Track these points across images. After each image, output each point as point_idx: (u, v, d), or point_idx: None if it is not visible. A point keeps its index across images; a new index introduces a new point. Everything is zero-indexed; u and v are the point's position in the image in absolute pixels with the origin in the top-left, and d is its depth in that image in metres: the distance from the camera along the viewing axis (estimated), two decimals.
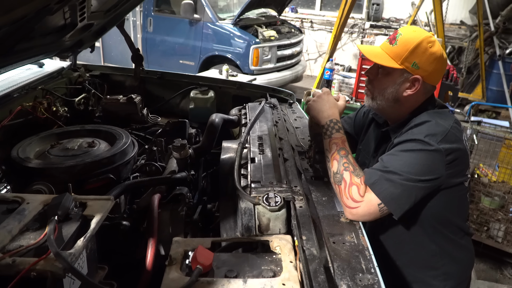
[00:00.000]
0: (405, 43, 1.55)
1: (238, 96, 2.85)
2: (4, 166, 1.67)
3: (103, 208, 1.27)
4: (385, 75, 1.63)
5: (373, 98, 1.69)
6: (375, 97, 1.68)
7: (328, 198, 1.58)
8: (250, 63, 7.04)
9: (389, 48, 1.59)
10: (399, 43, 1.56)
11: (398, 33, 1.59)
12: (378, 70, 1.65)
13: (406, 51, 1.55)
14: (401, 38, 1.57)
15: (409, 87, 1.60)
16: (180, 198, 1.67)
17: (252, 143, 1.87)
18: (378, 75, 1.65)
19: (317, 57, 10.29)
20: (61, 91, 2.42)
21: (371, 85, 1.69)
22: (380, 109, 1.71)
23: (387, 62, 1.58)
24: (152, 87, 2.93)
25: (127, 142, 1.84)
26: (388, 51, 1.59)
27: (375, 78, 1.67)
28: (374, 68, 1.67)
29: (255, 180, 1.52)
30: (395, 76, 1.61)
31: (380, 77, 1.65)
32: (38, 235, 1.14)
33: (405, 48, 1.55)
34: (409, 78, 1.58)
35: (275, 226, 1.36)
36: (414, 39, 1.55)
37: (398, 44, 1.57)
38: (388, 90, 1.63)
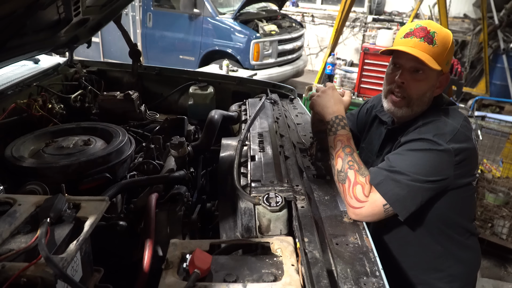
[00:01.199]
0: (443, 42, 1.47)
1: (238, 92, 2.80)
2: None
3: (97, 210, 1.23)
4: (423, 79, 1.51)
5: (408, 105, 1.55)
6: (412, 103, 1.54)
7: (330, 197, 1.54)
8: (251, 58, 6.98)
9: (430, 49, 1.46)
10: (439, 42, 1.46)
11: (431, 31, 1.47)
12: (413, 74, 1.51)
13: (445, 51, 1.47)
14: (438, 37, 1.46)
15: (438, 86, 1.54)
16: (178, 198, 1.62)
17: (252, 141, 1.82)
18: (413, 79, 1.52)
19: (318, 52, 10.21)
20: (57, 87, 2.37)
21: (406, 91, 1.53)
22: (411, 115, 1.58)
23: (433, 64, 1.45)
24: (150, 83, 2.88)
25: (124, 140, 1.79)
26: (429, 52, 1.46)
27: (411, 83, 1.52)
28: (408, 73, 1.53)
29: (255, 179, 1.48)
30: (432, 78, 1.51)
31: (418, 81, 1.51)
32: (30, 239, 1.10)
33: (445, 47, 1.47)
34: (440, 77, 1.52)
35: (276, 227, 1.32)
36: (448, 37, 1.48)
37: (438, 44, 1.46)
38: (427, 94, 1.54)
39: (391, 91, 1.58)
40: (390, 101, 1.60)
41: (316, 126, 1.86)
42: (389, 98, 1.60)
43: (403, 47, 1.50)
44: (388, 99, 1.61)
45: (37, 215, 1.17)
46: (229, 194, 1.61)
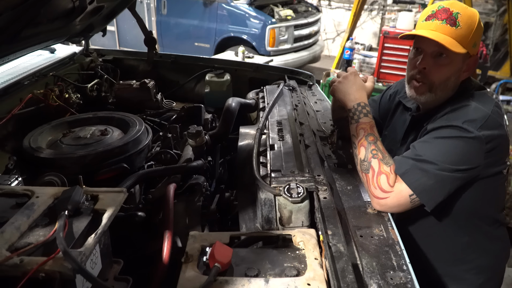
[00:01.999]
0: (468, 23, 1.38)
1: (255, 78, 2.74)
2: (15, 157, 1.61)
3: (115, 202, 1.20)
4: (447, 63, 1.43)
5: (431, 90, 1.48)
6: (434, 89, 1.47)
7: (353, 187, 1.48)
8: (267, 44, 6.89)
9: (453, 32, 1.38)
10: (463, 24, 1.38)
11: (454, 12, 1.39)
12: (436, 58, 1.44)
13: (471, 32, 1.39)
14: (462, 18, 1.38)
15: (466, 70, 1.46)
16: (196, 188, 1.59)
17: (271, 129, 1.77)
18: (435, 64, 1.44)
19: (335, 37, 10.02)
20: (73, 77, 2.36)
21: (427, 77, 1.46)
22: (435, 101, 1.51)
23: (457, 48, 1.37)
24: (166, 71, 2.84)
25: (141, 130, 1.76)
26: (452, 35, 1.38)
27: (433, 69, 1.45)
28: (430, 57, 1.45)
29: (275, 169, 1.43)
30: (457, 62, 1.43)
31: (440, 66, 1.44)
32: (48, 232, 1.08)
33: (470, 28, 1.38)
34: (466, 60, 1.44)
35: (297, 218, 1.28)
36: (474, 17, 1.40)
37: (462, 26, 1.38)
38: (451, 79, 1.46)
39: (414, 77, 1.52)
40: (412, 87, 1.54)
41: (337, 113, 1.80)
42: (411, 84, 1.54)
43: (424, 31, 1.42)
44: (411, 85, 1.54)
45: (55, 208, 1.15)
46: (248, 184, 1.57)
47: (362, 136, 1.44)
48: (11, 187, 1.27)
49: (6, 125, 1.83)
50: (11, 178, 1.41)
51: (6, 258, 0.94)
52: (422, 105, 1.61)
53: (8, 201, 1.22)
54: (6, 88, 1.87)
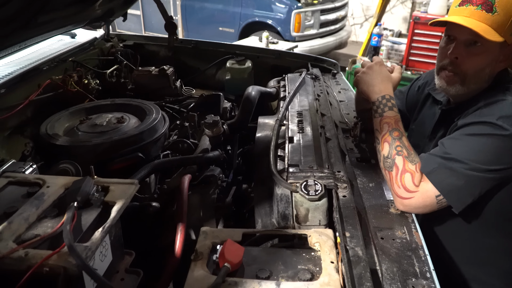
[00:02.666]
0: (506, 9, 1.27)
1: (277, 66, 2.67)
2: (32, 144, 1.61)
3: (125, 194, 1.17)
4: (481, 53, 1.33)
5: (463, 82, 1.39)
6: (468, 81, 1.38)
7: (375, 184, 1.41)
8: (292, 29, 6.75)
9: (488, 18, 1.28)
10: (500, 9, 1.27)
11: None
12: (469, 47, 1.34)
13: (509, 19, 1.27)
14: (499, 4, 1.27)
15: (502, 60, 1.36)
16: (211, 180, 1.55)
17: (291, 120, 1.70)
18: (469, 54, 1.35)
19: (363, 22, 9.74)
20: (92, 62, 2.34)
21: (459, 67, 1.38)
22: (468, 94, 1.42)
23: (493, 36, 1.27)
24: (186, 57, 2.79)
25: (157, 118, 1.73)
26: (488, 22, 1.28)
27: (466, 58, 1.36)
28: (462, 46, 1.35)
29: (293, 164, 1.37)
30: (493, 51, 1.33)
31: (474, 56, 1.34)
32: (56, 223, 1.05)
33: (508, 15, 1.27)
34: (504, 50, 1.33)
35: (314, 217, 1.21)
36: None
37: (500, 12, 1.27)
38: (485, 70, 1.36)
39: (444, 67, 1.42)
40: (442, 77, 1.44)
41: (361, 104, 1.72)
42: (442, 75, 1.44)
43: (456, 17, 1.32)
44: (441, 75, 1.45)
45: (65, 198, 1.13)
46: (265, 177, 1.51)
47: (386, 131, 1.35)
48: (23, 175, 1.25)
49: (25, 110, 1.82)
50: (26, 165, 1.40)
51: (12, 251, 0.92)
52: (452, 98, 1.51)
53: (19, 190, 1.20)
54: (24, 74, 1.86)
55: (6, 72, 1.82)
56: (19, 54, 2.00)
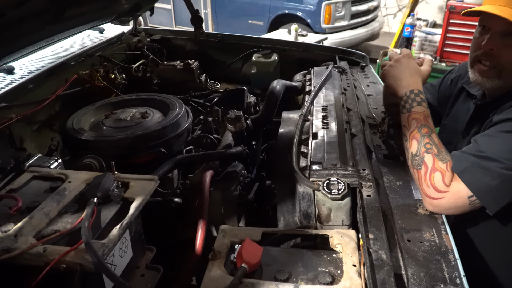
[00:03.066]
0: None
1: (303, 59, 2.61)
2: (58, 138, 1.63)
3: (144, 190, 1.16)
4: None
5: (499, 76, 1.31)
6: (504, 74, 1.30)
7: (403, 183, 1.35)
8: (322, 21, 6.62)
9: None
10: None
11: None
12: (505, 38, 1.27)
13: None
14: None
15: None
16: (233, 176, 1.53)
17: (315, 115, 1.66)
18: (505, 45, 1.27)
19: (396, 12, 9.46)
20: (119, 57, 2.35)
21: (495, 59, 1.30)
22: (504, 88, 1.34)
23: None
24: (212, 51, 2.78)
25: (180, 113, 1.72)
26: None
27: (502, 50, 1.28)
28: (498, 37, 1.28)
29: (316, 161, 1.33)
30: None
31: (510, 47, 1.27)
32: (76, 219, 1.06)
33: None
34: None
35: (337, 217, 1.17)
36: None
37: None
38: None
39: (478, 58, 1.34)
40: (476, 70, 1.36)
41: (389, 99, 1.65)
42: (476, 67, 1.36)
43: (491, 6, 1.25)
44: (475, 68, 1.37)
45: (85, 194, 1.13)
46: (288, 174, 1.48)
47: (414, 127, 1.29)
48: (47, 170, 1.27)
49: (53, 105, 1.85)
50: (51, 160, 1.42)
51: (30, 246, 0.93)
52: (488, 92, 1.42)
53: (43, 185, 1.22)
54: (52, 69, 1.89)
55: (34, 67, 1.85)
56: (48, 50, 2.04)
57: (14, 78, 1.73)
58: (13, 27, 1.35)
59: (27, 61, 1.92)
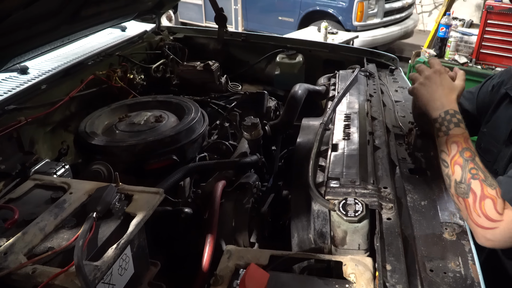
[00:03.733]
0: None
1: (329, 60, 2.50)
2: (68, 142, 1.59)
3: (148, 205, 1.10)
4: None
5: None
6: None
7: (428, 203, 1.23)
8: (354, 18, 6.44)
9: None
10: None
11: None
12: None
13: None
14: None
15: None
16: (247, 188, 1.45)
17: (337, 124, 1.55)
18: None
19: (432, 9, 9.10)
20: (139, 56, 2.31)
21: None
22: None
23: None
24: (236, 50, 2.70)
25: (195, 118, 1.64)
26: None
27: None
28: None
29: (334, 177, 1.23)
30: None
31: None
32: (73, 235, 1.01)
33: None
34: None
35: (353, 240, 1.07)
36: None
37: None
38: None
39: None
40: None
41: (418, 108, 1.52)
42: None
43: None
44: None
45: (85, 207, 1.08)
46: (304, 187, 1.39)
47: (455, 152, 1.14)
48: (50, 178, 1.22)
49: (69, 106, 1.83)
50: (58, 166, 1.38)
51: (19, 266, 0.88)
52: None
53: (44, 194, 1.18)
54: (67, 69, 1.85)
55: (49, 67, 1.82)
56: (65, 49, 2.01)
57: (27, 78, 1.69)
58: (23, 27, 1.31)
59: (42, 60, 1.89)
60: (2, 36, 1.18)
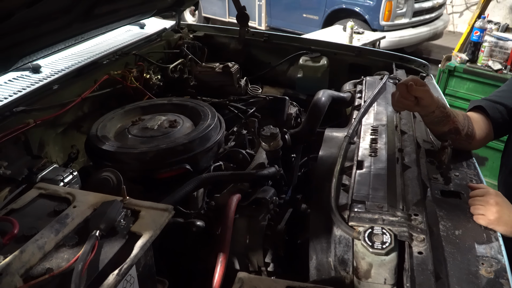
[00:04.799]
0: None
1: (356, 64, 2.37)
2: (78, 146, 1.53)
3: (155, 224, 1.02)
4: None
5: None
6: None
7: (463, 232, 1.11)
8: (381, 17, 6.25)
9: None
10: None
11: None
12: None
13: None
14: None
15: None
16: (263, 203, 1.35)
17: (363, 137, 1.44)
18: None
19: (463, 10, 8.78)
20: (156, 56, 2.22)
21: None
22: None
23: None
24: (257, 50, 2.59)
25: (211, 125, 1.55)
26: None
27: None
28: None
29: (359, 200, 1.12)
30: None
31: None
32: (73, 254, 0.94)
33: None
34: None
35: (378, 274, 0.97)
36: None
37: None
38: None
39: None
40: None
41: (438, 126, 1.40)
42: None
43: None
44: None
45: (89, 224, 1.00)
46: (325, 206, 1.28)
47: None
48: (55, 188, 1.15)
49: (81, 106, 1.76)
50: (66, 172, 1.32)
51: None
52: None
53: (48, 205, 1.11)
54: (81, 69, 1.78)
55: (62, 66, 1.75)
56: (80, 47, 1.94)
57: (39, 78, 1.63)
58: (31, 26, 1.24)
59: (55, 59, 1.82)
60: (7, 35, 1.11)
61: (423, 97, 1.28)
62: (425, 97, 1.29)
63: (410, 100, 1.29)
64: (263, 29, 7.98)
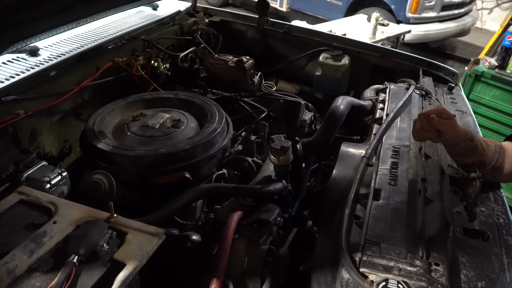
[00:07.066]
0: None
1: (379, 67, 2.21)
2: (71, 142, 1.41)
3: (141, 252, 0.91)
4: None
5: None
6: None
7: (486, 284, 0.98)
8: (408, 9, 5.99)
9: None
10: None
11: None
12: None
13: None
14: None
15: None
16: (265, 224, 1.23)
17: (383, 159, 1.30)
18: None
19: (493, 7, 8.39)
20: (167, 42, 2.07)
21: None
22: None
23: None
24: (275, 42, 2.43)
25: (217, 129, 1.43)
26: None
27: None
28: None
29: (373, 240, 0.99)
30: None
31: None
32: (46, 282, 0.83)
33: None
34: None
35: None
36: None
37: None
38: None
39: None
40: None
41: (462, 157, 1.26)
42: None
43: None
44: None
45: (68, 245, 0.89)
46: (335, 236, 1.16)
47: None
48: (37, 195, 1.04)
49: (81, 94, 1.64)
50: (54, 173, 1.20)
51: None
52: None
53: (27, 216, 1.00)
54: (83, 54, 1.64)
55: (61, 51, 1.61)
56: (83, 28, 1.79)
57: (35, 62, 1.49)
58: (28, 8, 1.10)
59: (56, 40, 1.68)
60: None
61: (447, 131, 1.14)
62: (448, 131, 1.14)
63: (431, 133, 1.14)
64: (284, 10, 7.72)
